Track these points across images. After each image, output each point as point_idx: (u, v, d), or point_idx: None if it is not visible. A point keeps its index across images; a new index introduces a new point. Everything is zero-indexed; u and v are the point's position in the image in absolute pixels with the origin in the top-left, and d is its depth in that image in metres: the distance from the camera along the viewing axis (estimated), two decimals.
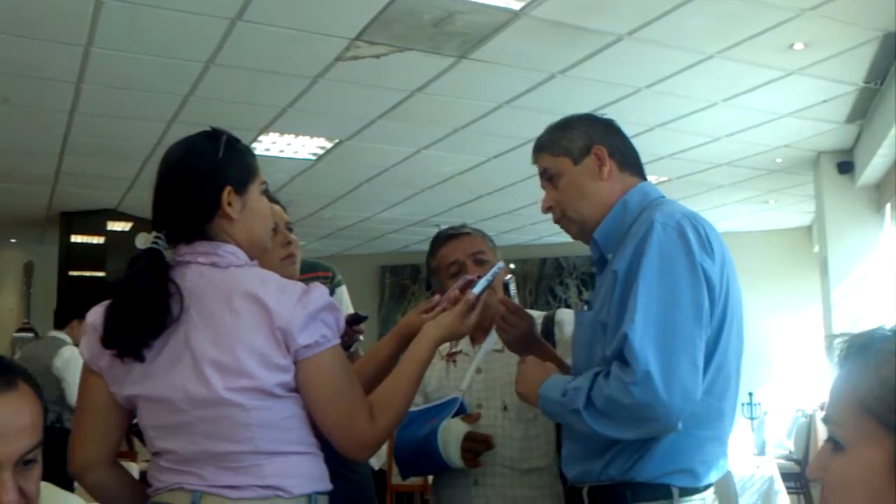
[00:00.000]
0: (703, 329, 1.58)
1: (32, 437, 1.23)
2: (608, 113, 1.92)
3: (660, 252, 1.59)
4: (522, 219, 9.44)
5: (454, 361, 2.21)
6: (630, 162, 1.83)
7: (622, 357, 1.55)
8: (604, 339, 1.65)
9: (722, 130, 6.36)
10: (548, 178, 1.85)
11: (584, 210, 1.80)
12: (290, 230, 2.18)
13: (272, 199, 2.08)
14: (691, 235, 1.61)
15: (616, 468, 1.64)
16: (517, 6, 4.14)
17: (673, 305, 1.56)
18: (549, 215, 1.88)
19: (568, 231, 1.87)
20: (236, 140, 1.67)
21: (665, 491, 1.63)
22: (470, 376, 2.09)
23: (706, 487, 1.68)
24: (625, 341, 1.54)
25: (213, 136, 1.65)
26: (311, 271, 2.44)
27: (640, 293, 1.57)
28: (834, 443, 0.96)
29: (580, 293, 11.17)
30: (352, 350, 2.18)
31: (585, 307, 1.85)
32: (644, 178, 1.85)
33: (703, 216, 1.70)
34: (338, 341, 1.58)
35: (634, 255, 1.62)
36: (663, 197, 1.81)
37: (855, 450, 0.93)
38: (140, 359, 1.53)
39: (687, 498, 1.64)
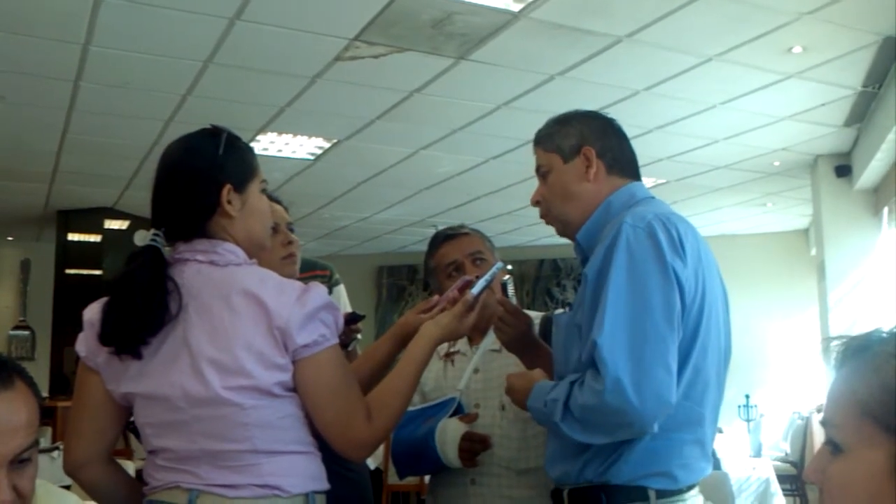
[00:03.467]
0: (676, 332, 1.55)
1: (28, 436, 1.23)
2: (607, 115, 1.91)
3: (629, 255, 1.57)
4: (520, 220, 9.44)
5: (452, 362, 2.20)
6: (623, 164, 1.80)
7: (595, 364, 1.53)
8: (579, 341, 1.63)
9: (720, 133, 6.36)
10: (541, 173, 1.85)
11: (566, 210, 1.79)
12: (292, 230, 2.18)
13: (274, 199, 2.08)
14: (662, 237, 1.58)
15: (592, 470, 1.63)
16: (516, 8, 4.14)
17: (643, 309, 1.54)
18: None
19: (553, 226, 1.86)
20: (236, 138, 1.67)
21: (641, 493, 1.60)
22: (468, 376, 2.08)
23: (687, 489, 1.65)
24: (594, 348, 1.53)
25: (214, 133, 1.65)
26: (309, 270, 2.43)
27: (609, 298, 1.55)
28: (833, 446, 0.95)
29: None
30: (349, 349, 2.18)
31: (568, 309, 1.83)
32: (637, 180, 1.82)
33: (680, 216, 1.67)
34: (336, 341, 1.57)
35: (604, 258, 1.60)
36: (652, 198, 1.79)
37: (855, 453, 0.92)
38: (137, 356, 1.52)
39: (665, 500, 1.61)
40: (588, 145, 1.77)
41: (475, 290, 1.79)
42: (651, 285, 1.55)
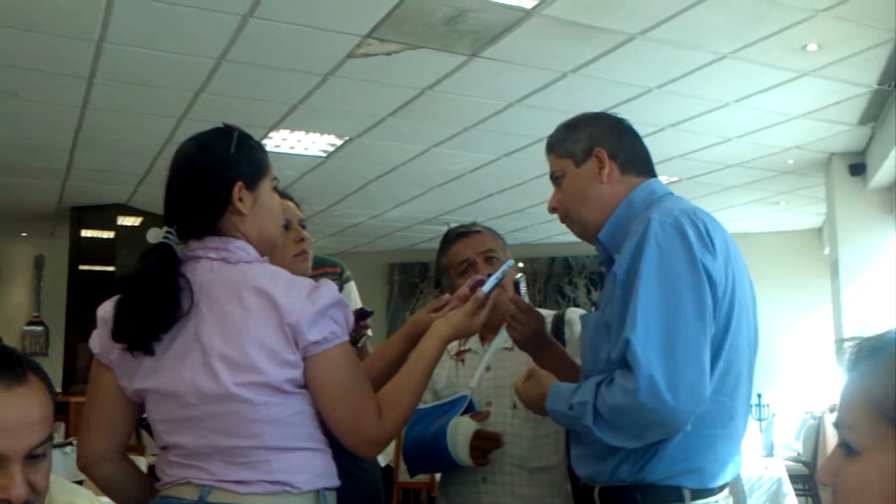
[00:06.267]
0: (708, 327, 1.54)
1: (42, 432, 1.24)
2: (619, 113, 1.90)
3: (658, 251, 1.56)
4: (532, 217, 9.43)
5: (463, 360, 2.20)
6: (636, 162, 1.80)
7: (626, 363, 1.53)
8: (608, 340, 1.62)
9: (733, 131, 6.33)
10: (554, 178, 1.84)
11: (584, 213, 1.79)
12: (304, 227, 2.18)
13: (286, 196, 2.08)
14: (690, 232, 1.57)
15: (627, 469, 1.62)
16: (529, 4, 4.13)
17: (675, 306, 1.53)
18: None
19: (572, 231, 1.86)
20: (248, 136, 1.68)
21: (676, 493, 1.60)
22: (479, 374, 2.08)
23: (720, 489, 1.65)
24: (627, 346, 1.52)
25: (225, 132, 1.65)
26: (320, 267, 2.44)
27: (641, 295, 1.54)
28: (846, 447, 0.93)
29: (589, 293, 11.15)
30: (360, 345, 2.18)
31: (593, 308, 1.82)
32: (653, 177, 1.81)
33: (704, 211, 1.67)
34: (347, 338, 1.58)
35: (633, 255, 1.59)
36: (671, 194, 1.78)
37: (869, 455, 0.91)
38: (150, 352, 1.53)
39: (699, 500, 1.61)
40: (599, 147, 1.77)
41: (486, 287, 1.79)
42: (682, 282, 1.55)
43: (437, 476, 2.38)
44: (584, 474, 1.73)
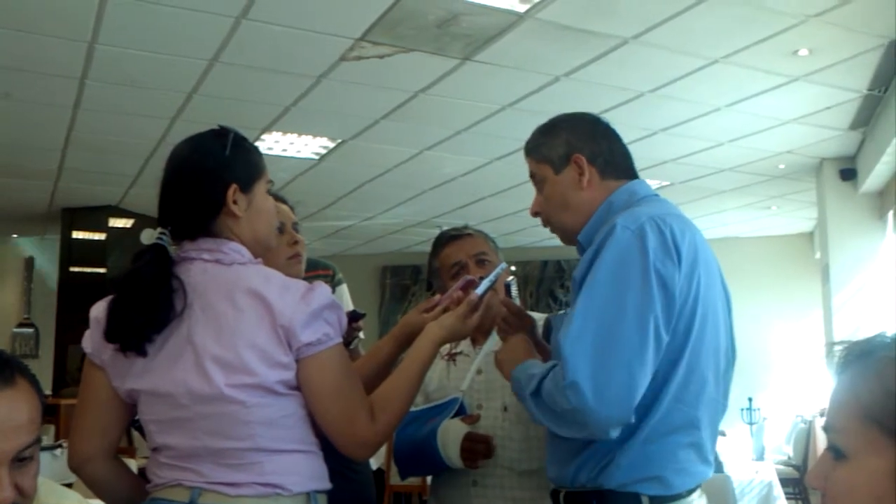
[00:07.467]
0: (650, 339, 1.51)
1: (30, 434, 1.23)
2: (611, 117, 1.89)
3: (614, 258, 1.55)
4: (524, 221, 9.43)
5: (454, 362, 2.20)
6: (616, 164, 1.77)
7: None
8: None
9: (725, 136, 6.36)
10: (535, 182, 1.83)
11: (565, 220, 1.78)
12: (297, 230, 2.18)
13: (280, 199, 2.09)
14: (652, 240, 1.55)
15: (585, 474, 1.62)
16: (522, 8, 4.14)
17: (616, 313, 1.52)
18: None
19: (556, 234, 1.85)
20: (243, 138, 1.68)
21: (634, 500, 1.58)
22: (470, 377, 2.08)
23: (683, 496, 1.62)
24: (558, 347, 1.53)
25: (221, 133, 1.66)
26: (313, 269, 2.44)
27: (583, 299, 1.54)
28: (835, 451, 0.94)
29: None
30: (352, 347, 2.18)
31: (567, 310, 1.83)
32: (634, 179, 1.79)
33: (679, 216, 1.65)
34: (340, 340, 1.58)
35: (592, 260, 1.59)
36: (655, 195, 1.76)
37: (858, 459, 0.91)
38: (142, 353, 1.53)
39: None
40: (577, 152, 1.75)
41: (479, 290, 1.79)
42: (630, 290, 1.53)
43: (429, 479, 2.38)
44: (552, 476, 1.74)
